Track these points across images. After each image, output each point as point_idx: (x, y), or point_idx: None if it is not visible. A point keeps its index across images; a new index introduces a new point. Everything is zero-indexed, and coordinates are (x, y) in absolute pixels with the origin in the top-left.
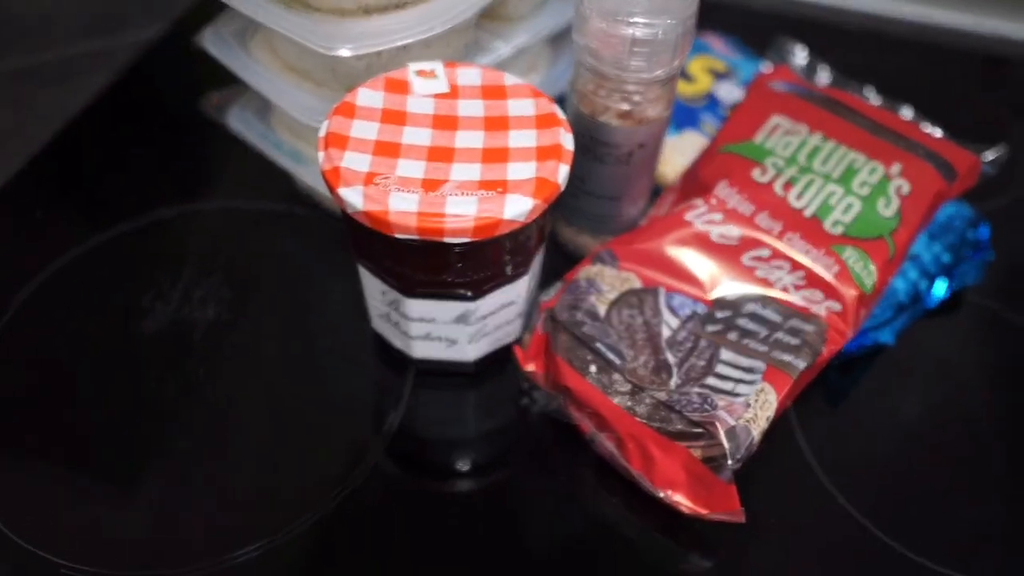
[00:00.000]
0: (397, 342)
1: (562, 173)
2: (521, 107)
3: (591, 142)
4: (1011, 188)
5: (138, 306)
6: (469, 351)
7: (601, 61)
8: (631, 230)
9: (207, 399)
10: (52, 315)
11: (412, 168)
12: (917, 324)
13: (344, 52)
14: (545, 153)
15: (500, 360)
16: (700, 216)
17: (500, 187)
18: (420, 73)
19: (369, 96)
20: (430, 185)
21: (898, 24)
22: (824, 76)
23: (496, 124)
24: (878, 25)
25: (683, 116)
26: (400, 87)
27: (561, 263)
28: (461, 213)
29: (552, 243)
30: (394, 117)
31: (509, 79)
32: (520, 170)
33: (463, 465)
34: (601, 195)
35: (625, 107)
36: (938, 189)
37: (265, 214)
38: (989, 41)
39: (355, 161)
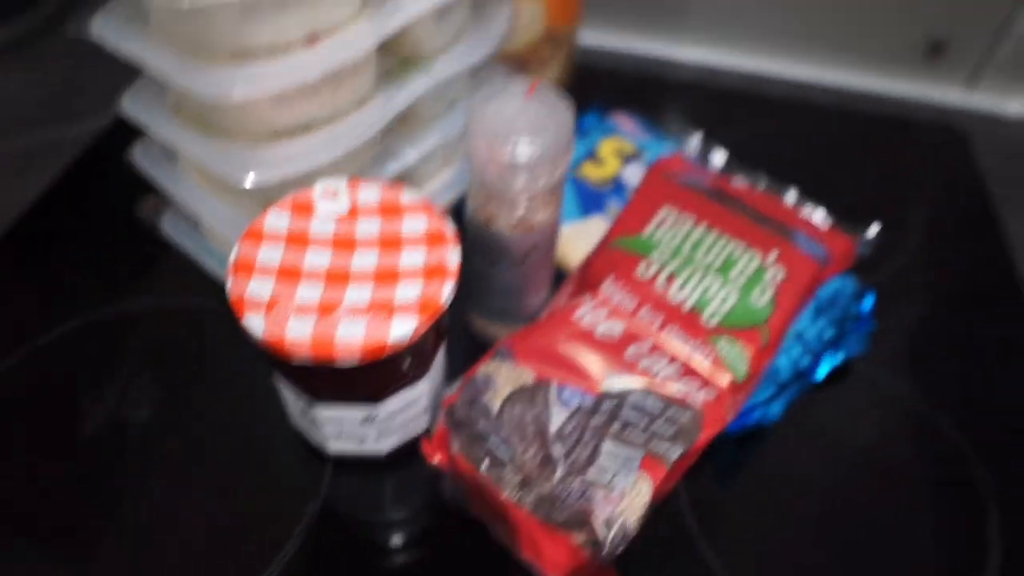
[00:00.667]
0: (314, 438)
1: (445, 292)
2: (414, 225)
3: (486, 248)
4: (896, 256)
5: (77, 406)
6: (380, 445)
7: (488, 177)
8: (533, 321)
9: (141, 494)
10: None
11: (310, 292)
12: (805, 396)
13: (249, 183)
14: (431, 272)
15: (413, 450)
16: (587, 313)
17: (387, 310)
18: (324, 193)
19: (276, 219)
20: (325, 309)
21: (784, 86)
22: (719, 158)
23: (390, 243)
24: (789, 91)
25: (589, 201)
26: (305, 209)
27: (476, 351)
28: (349, 338)
29: (467, 332)
30: (298, 240)
31: (405, 197)
32: (407, 291)
33: (378, 549)
34: (502, 291)
35: (514, 218)
36: (812, 274)
37: (200, 312)
38: (891, 106)
39: (259, 288)
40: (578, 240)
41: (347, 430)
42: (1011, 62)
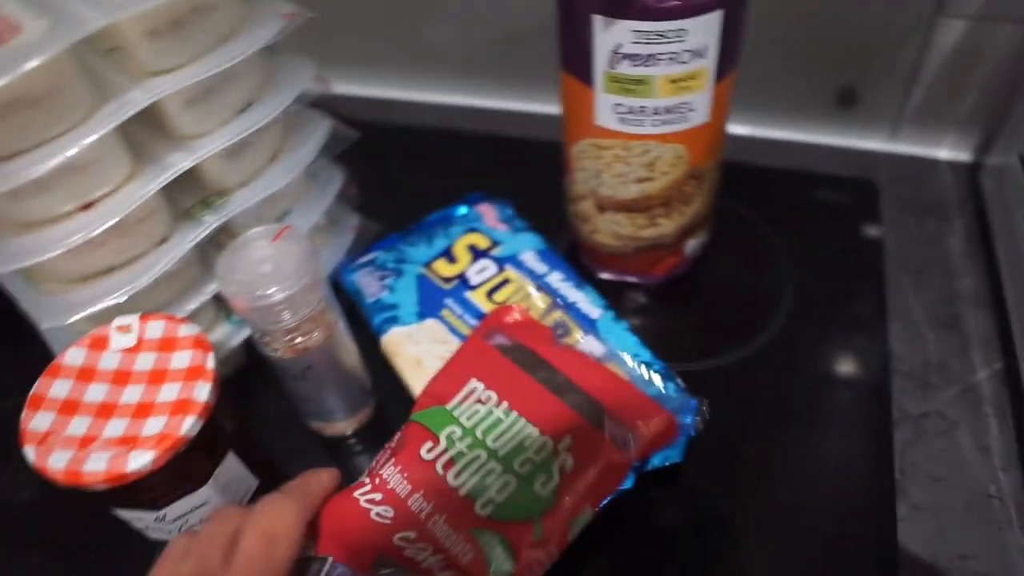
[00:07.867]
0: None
1: (186, 425)
2: (180, 359)
3: (272, 367)
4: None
5: None
6: None
7: (248, 318)
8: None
9: None
10: None
11: (79, 426)
12: None
13: (45, 325)
14: (178, 407)
15: None
16: (364, 495)
17: (131, 443)
18: (119, 328)
19: (74, 355)
20: (85, 443)
21: None
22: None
23: (156, 378)
24: None
25: (429, 304)
26: (101, 343)
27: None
28: (94, 470)
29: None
30: (86, 375)
31: (184, 329)
32: (153, 425)
33: None
34: (302, 399)
35: (283, 345)
36: (609, 462)
37: None
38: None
39: (41, 421)
40: (407, 343)
41: (153, 526)
42: (925, 110)
